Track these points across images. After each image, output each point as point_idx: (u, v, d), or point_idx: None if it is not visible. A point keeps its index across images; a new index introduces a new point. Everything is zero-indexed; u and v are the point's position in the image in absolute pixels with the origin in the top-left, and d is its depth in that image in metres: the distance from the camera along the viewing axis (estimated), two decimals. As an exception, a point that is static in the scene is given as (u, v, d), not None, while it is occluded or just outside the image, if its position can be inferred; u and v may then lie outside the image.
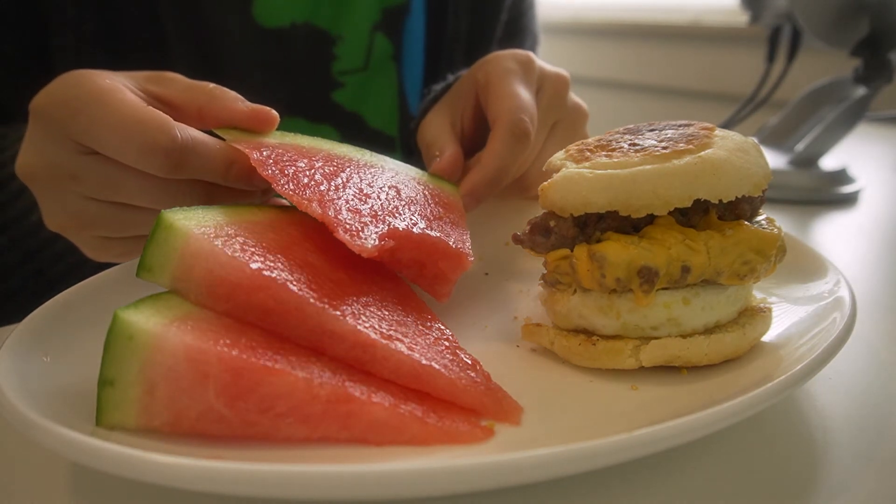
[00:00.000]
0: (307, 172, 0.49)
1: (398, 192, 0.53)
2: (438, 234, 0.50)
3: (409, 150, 0.89)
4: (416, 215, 0.51)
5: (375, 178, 0.53)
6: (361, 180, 0.52)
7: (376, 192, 0.51)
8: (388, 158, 0.58)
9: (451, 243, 0.50)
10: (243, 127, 0.52)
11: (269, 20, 0.81)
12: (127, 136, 0.46)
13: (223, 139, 0.50)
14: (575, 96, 0.67)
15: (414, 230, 0.49)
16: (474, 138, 0.66)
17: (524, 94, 0.59)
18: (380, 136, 0.89)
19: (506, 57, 0.62)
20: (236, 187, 0.51)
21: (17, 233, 0.65)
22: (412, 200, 0.53)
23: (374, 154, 0.57)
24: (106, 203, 0.50)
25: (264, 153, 0.49)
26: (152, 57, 0.75)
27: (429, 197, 0.55)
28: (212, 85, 0.52)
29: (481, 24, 0.90)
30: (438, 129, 0.63)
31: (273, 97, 0.81)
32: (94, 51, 0.72)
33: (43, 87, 0.50)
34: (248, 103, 0.52)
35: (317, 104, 0.86)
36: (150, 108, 0.48)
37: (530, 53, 0.64)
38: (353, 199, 0.49)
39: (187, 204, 0.47)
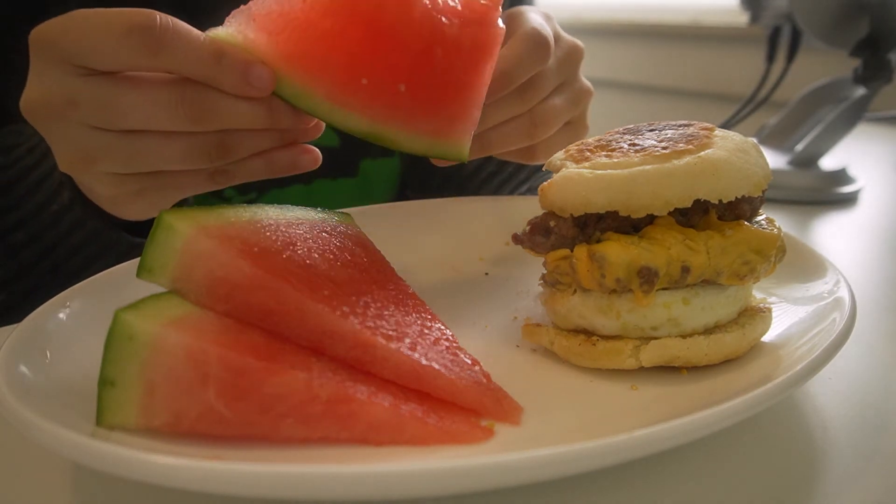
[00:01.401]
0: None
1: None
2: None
3: (408, 161, 0.89)
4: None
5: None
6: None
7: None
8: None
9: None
10: None
11: None
12: (108, 25, 0.45)
13: None
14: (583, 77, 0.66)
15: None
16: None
17: (544, 24, 0.58)
18: None
19: (525, 8, 0.62)
20: (234, 91, 0.47)
21: (36, 228, 0.65)
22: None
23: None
24: (110, 132, 0.49)
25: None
26: None
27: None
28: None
29: None
30: None
31: None
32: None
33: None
34: None
35: None
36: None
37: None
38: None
39: (188, 121, 0.46)
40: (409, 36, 0.48)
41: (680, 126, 0.49)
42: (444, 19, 0.49)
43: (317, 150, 0.54)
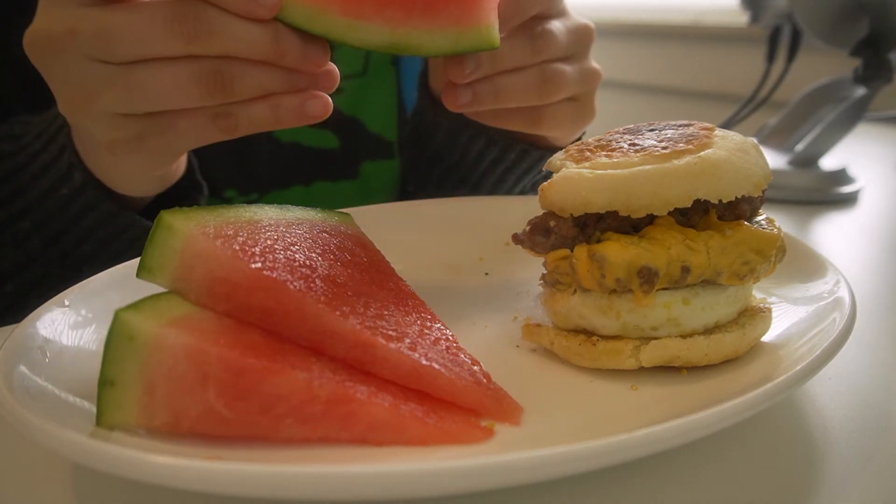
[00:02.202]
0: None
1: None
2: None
3: (407, 155, 0.89)
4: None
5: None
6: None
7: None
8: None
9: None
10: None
11: None
12: None
13: None
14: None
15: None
16: None
17: None
18: (378, 141, 0.88)
19: None
20: (238, 9, 0.46)
21: (42, 214, 0.64)
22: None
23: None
24: (109, 65, 0.48)
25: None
26: None
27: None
28: None
29: None
30: None
31: None
32: None
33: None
34: None
35: None
36: None
37: None
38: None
39: (184, 40, 0.45)
40: None
41: (680, 126, 0.49)
42: None
43: (326, 96, 0.51)
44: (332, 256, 0.47)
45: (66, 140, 0.61)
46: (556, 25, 0.57)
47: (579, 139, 0.72)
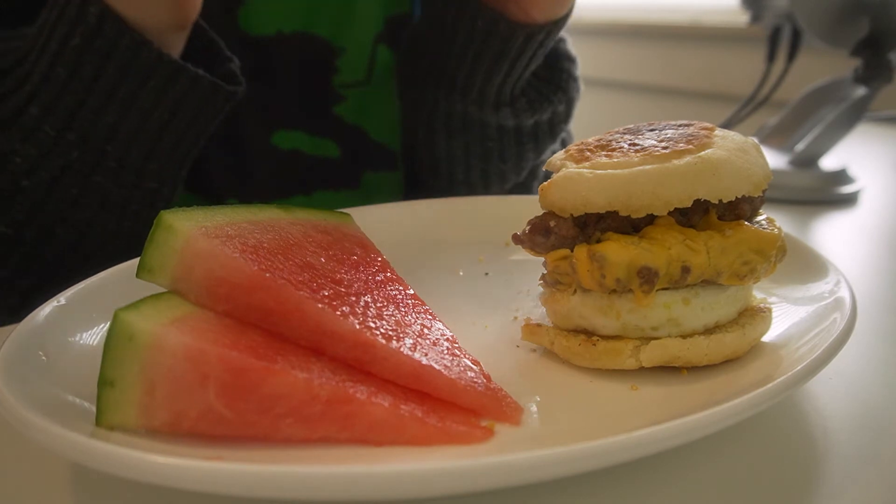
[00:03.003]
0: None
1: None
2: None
3: (410, 165, 0.88)
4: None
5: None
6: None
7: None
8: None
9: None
10: None
11: (256, 28, 0.79)
12: None
13: None
14: None
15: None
16: None
17: None
18: (382, 150, 0.87)
19: None
20: None
21: (49, 95, 0.60)
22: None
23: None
24: None
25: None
26: None
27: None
28: None
29: None
30: None
31: (265, 109, 0.80)
32: None
33: None
34: None
35: (317, 117, 0.84)
36: None
37: None
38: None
39: None
40: None
41: (680, 126, 0.49)
42: None
43: None
44: (332, 256, 0.47)
45: None
46: None
47: (568, 14, 0.71)
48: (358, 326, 0.41)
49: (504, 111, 0.78)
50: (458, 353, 0.44)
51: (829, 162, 1.00)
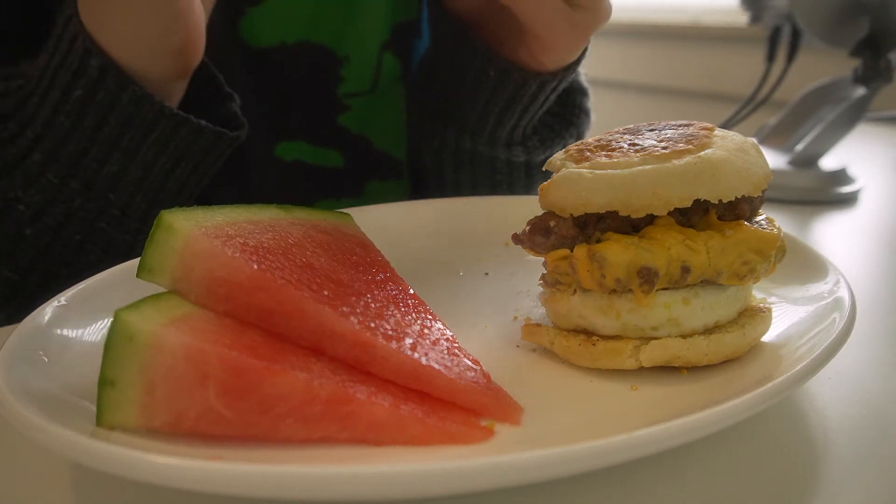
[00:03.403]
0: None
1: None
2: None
3: (416, 174, 0.88)
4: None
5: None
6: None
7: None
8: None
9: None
10: None
11: (258, 39, 0.78)
12: None
13: None
14: None
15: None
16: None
17: None
18: (387, 159, 0.86)
19: None
20: None
21: (52, 141, 0.60)
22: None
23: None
24: None
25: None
26: None
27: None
28: None
29: None
30: None
31: (268, 121, 0.80)
32: None
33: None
34: None
35: (322, 128, 0.82)
36: None
37: None
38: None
39: None
40: None
41: (680, 126, 0.49)
42: None
43: None
44: (332, 256, 0.47)
45: (77, 28, 0.56)
46: None
47: (580, 59, 0.70)
48: (358, 326, 0.41)
49: (516, 149, 0.78)
50: (458, 353, 0.44)
51: (828, 162, 1.00)
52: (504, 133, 0.76)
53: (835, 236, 0.86)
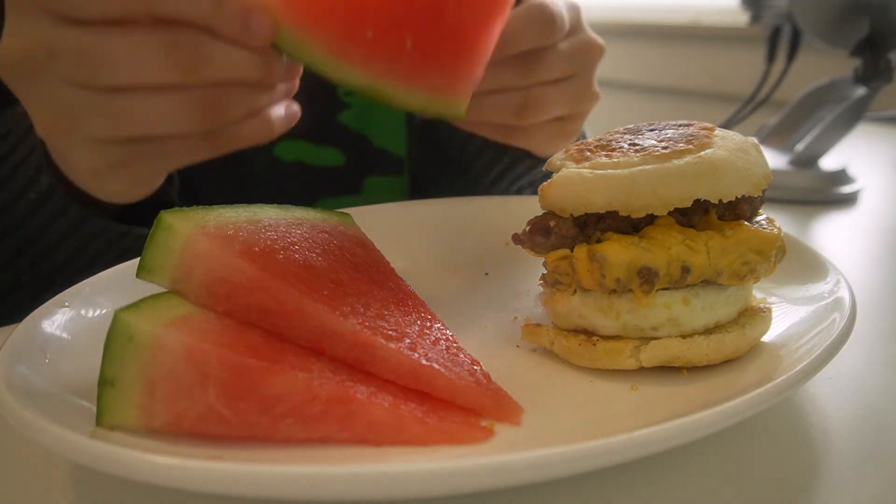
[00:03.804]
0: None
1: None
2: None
3: (418, 169, 0.88)
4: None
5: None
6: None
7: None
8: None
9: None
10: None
11: None
12: None
13: None
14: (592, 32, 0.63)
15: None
16: None
17: (559, 4, 0.56)
18: (385, 156, 0.87)
19: None
20: (233, 37, 0.44)
21: (10, 220, 0.60)
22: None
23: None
24: (93, 90, 0.45)
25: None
26: None
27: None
28: None
29: None
30: None
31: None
32: None
33: None
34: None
35: (322, 127, 0.83)
36: None
37: None
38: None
39: (180, 71, 0.43)
40: None
41: (680, 126, 0.49)
42: None
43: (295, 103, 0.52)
44: (332, 256, 0.47)
45: (37, 140, 0.56)
46: (557, 46, 0.56)
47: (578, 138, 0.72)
48: (358, 326, 0.41)
49: (512, 195, 0.81)
50: (458, 353, 0.44)
51: (828, 162, 1.00)
52: (501, 188, 0.81)
53: (835, 236, 0.86)
